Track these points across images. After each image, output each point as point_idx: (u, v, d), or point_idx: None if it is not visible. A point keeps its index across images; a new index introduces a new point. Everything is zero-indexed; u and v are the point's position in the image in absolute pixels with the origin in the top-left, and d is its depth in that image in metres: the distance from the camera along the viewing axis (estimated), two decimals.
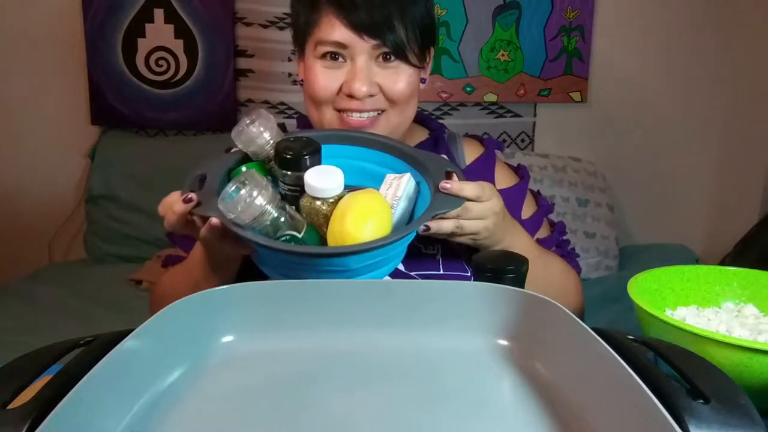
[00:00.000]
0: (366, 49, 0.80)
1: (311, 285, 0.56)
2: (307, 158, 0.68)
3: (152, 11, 1.91)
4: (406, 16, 0.80)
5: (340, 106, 0.82)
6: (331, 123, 0.83)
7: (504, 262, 0.63)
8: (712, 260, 1.80)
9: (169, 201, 0.69)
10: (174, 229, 0.70)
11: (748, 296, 0.73)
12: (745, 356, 0.54)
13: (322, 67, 0.81)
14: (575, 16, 1.93)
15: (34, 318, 1.43)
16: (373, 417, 0.45)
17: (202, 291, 0.53)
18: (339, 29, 0.79)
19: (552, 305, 0.51)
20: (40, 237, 2.00)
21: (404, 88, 0.82)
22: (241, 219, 0.60)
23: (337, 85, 0.81)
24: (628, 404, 0.39)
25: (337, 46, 0.80)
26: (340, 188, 0.67)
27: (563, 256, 0.92)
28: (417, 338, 0.54)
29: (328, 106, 0.83)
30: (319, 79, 0.81)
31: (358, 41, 0.79)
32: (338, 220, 0.64)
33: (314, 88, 0.82)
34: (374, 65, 0.81)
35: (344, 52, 0.80)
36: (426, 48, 0.85)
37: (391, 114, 0.83)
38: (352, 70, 0.80)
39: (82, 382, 0.39)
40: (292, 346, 0.53)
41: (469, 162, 0.94)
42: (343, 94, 0.81)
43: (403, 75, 0.82)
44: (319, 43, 0.81)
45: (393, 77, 0.82)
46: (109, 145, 1.93)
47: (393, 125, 0.84)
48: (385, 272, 0.69)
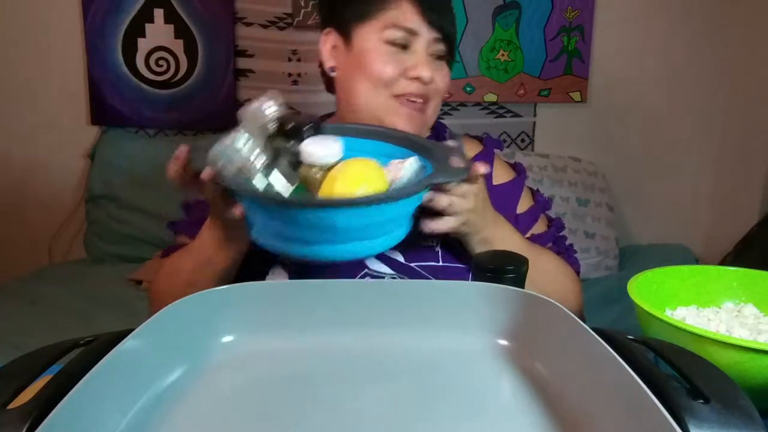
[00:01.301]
0: (428, 41, 0.86)
1: (311, 285, 0.56)
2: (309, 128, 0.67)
3: (152, 11, 1.91)
4: (453, 22, 0.90)
5: (399, 90, 0.86)
6: (384, 106, 0.86)
7: (504, 262, 0.63)
8: (712, 260, 1.80)
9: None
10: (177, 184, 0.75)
11: (748, 296, 0.73)
12: (745, 356, 0.54)
13: (388, 51, 0.85)
14: (575, 16, 1.93)
15: (34, 318, 1.43)
16: (372, 417, 0.45)
17: (202, 291, 0.53)
18: (413, 17, 0.85)
19: (552, 305, 0.51)
20: (40, 237, 2.00)
21: (445, 83, 0.90)
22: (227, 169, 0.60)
23: (401, 70, 0.85)
24: (628, 404, 0.39)
25: (409, 32, 0.85)
26: (336, 156, 0.67)
27: (560, 253, 0.92)
28: (417, 338, 0.54)
29: (385, 89, 0.86)
30: (386, 62, 0.85)
31: (426, 31, 0.85)
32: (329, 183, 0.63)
33: (378, 71, 0.85)
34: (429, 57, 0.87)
35: (411, 39, 0.85)
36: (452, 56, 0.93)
37: (429, 107, 0.89)
38: (420, 57, 0.86)
39: (82, 382, 0.39)
40: (292, 346, 0.53)
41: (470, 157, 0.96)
42: (406, 78, 0.85)
43: (446, 72, 0.90)
44: (391, 26, 0.85)
45: (441, 72, 0.89)
46: (109, 145, 1.93)
47: (428, 117, 0.90)
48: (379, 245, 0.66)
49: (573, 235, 1.76)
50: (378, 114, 0.87)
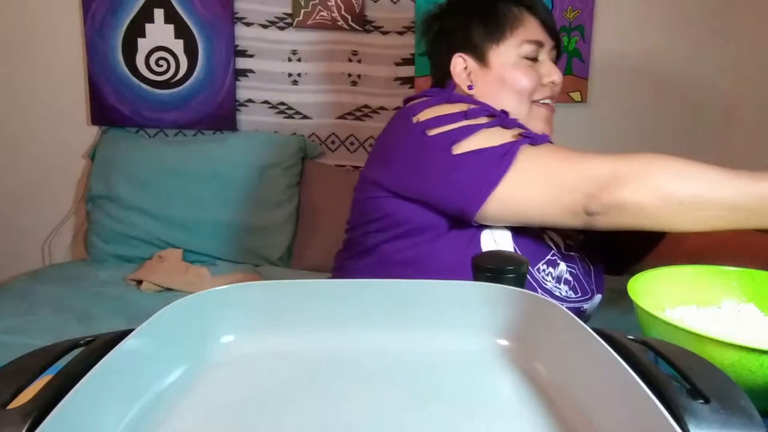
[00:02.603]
0: (549, 49, 0.99)
1: (311, 285, 0.56)
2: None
3: (152, 11, 1.91)
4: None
5: (538, 96, 0.98)
6: (528, 113, 0.97)
7: (504, 262, 0.63)
8: None
9: None
10: None
11: (748, 296, 0.73)
12: (745, 356, 0.54)
13: (527, 66, 0.97)
14: (575, 16, 1.93)
15: (34, 318, 1.43)
16: (372, 417, 0.45)
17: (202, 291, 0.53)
18: (539, 30, 0.97)
19: (552, 305, 0.51)
20: (40, 237, 2.00)
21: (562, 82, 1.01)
22: None
23: (537, 79, 0.97)
24: (628, 404, 0.39)
25: (538, 44, 0.97)
26: None
27: None
28: (416, 338, 0.54)
29: (528, 98, 0.97)
30: (528, 75, 0.97)
31: (548, 41, 0.98)
32: None
33: (523, 82, 0.96)
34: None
35: (540, 50, 0.97)
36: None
37: (553, 103, 1.01)
38: (549, 64, 0.99)
39: (82, 382, 0.39)
40: (292, 347, 0.53)
41: None
42: (541, 85, 0.98)
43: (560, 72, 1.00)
44: (524, 42, 0.96)
45: (560, 72, 1.00)
46: (109, 145, 1.93)
47: (553, 112, 1.02)
48: None
49: None
50: (524, 120, 0.95)
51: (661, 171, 0.82)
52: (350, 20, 1.93)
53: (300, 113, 1.99)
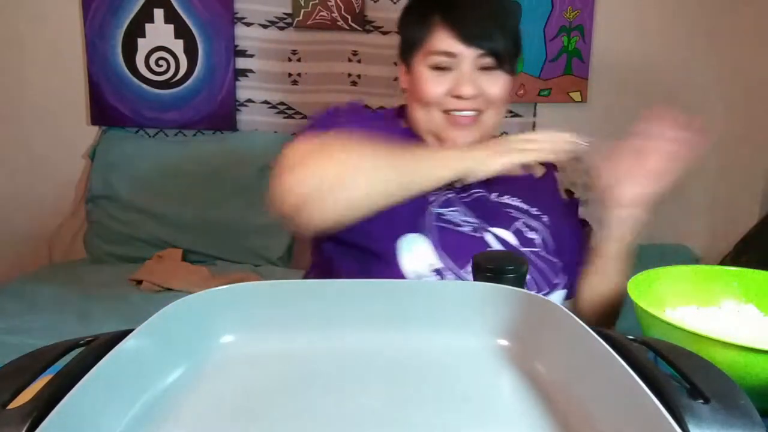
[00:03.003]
0: (471, 58, 0.91)
1: (311, 285, 0.56)
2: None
3: (152, 11, 1.91)
4: (504, 29, 0.93)
5: (448, 106, 0.93)
6: (437, 122, 0.94)
7: (504, 262, 0.63)
8: (712, 260, 1.80)
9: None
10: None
11: (748, 296, 0.73)
12: (745, 356, 0.54)
13: (432, 75, 0.93)
14: (575, 16, 1.93)
15: (34, 318, 1.43)
16: (372, 417, 0.45)
17: (202, 291, 0.53)
18: (448, 41, 0.91)
19: (552, 305, 0.51)
20: (40, 237, 2.00)
21: (500, 92, 0.94)
22: None
23: (445, 89, 0.92)
24: (628, 404, 0.39)
25: (447, 55, 0.92)
26: None
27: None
28: (417, 338, 0.54)
29: (435, 108, 0.94)
30: (430, 85, 0.93)
31: (465, 50, 0.91)
32: None
33: (425, 93, 0.93)
34: (477, 72, 0.92)
35: (452, 60, 0.92)
36: (516, 57, 0.97)
37: (487, 115, 0.95)
38: (460, 76, 0.92)
39: (82, 382, 0.39)
40: (292, 347, 0.53)
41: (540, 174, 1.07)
42: (450, 96, 0.93)
43: (501, 80, 0.94)
44: (431, 53, 0.92)
45: (492, 82, 0.93)
46: (109, 145, 1.93)
47: (488, 126, 0.96)
48: None
49: None
50: (431, 128, 0.95)
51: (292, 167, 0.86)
52: (350, 20, 1.93)
53: (300, 113, 1.99)
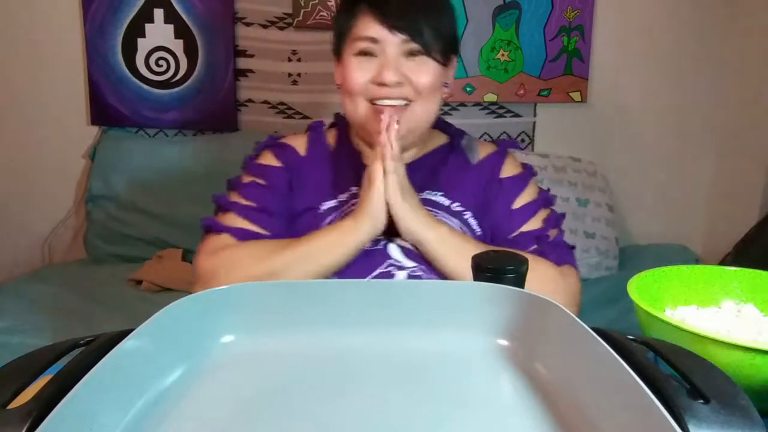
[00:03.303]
0: (396, 44, 0.90)
1: (311, 285, 0.56)
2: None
3: (152, 11, 1.91)
4: (430, 21, 0.92)
5: (372, 95, 0.92)
6: (365, 113, 0.93)
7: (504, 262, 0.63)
8: (712, 260, 1.80)
9: None
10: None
11: (748, 296, 0.73)
12: (745, 356, 0.54)
13: (356, 62, 0.92)
14: (575, 16, 1.93)
15: (34, 318, 1.43)
16: (372, 417, 0.45)
17: (202, 291, 0.53)
18: (373, 25, 0.90)
19: (552, 305, 0.51)
20: (40, 237, 2.00)
21: (429, 79, 0.92)
22: None
23: (370, 76, 0.91)
24: (628, 404, 0.39)
25: (370, 41, 0.91)
26: None
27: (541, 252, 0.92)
28: (417, 338, 0.54)
29: (361, 97, 0.93)
30: (354, 72, 0.92)
31: (388, 36, 0.90)
32: None
33: (349, 81, 0.92)
34: (402, 59, 0.91)
35: (376, 47, 0.91)
36: (448, 53, 0.96)
37: (416, 105, 0.93)
38: (384, 61, 0.91)
39: (82, 382, 0.39)
40: (292, 347, 0.53)
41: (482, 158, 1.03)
42: (375, 84, 0.91)
43: (428, 68, 0.92)
44: (355, 39, 0.92)
45: (419, 69, 0.92)
46: (109, 145, 1.93)
47: (417, 117, 0.94)
48: None
49: (573, 235, 1.76)
50: (359, 120, 0.94)
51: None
52: None
53: (300, 113, 1.99)
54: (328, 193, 0.98)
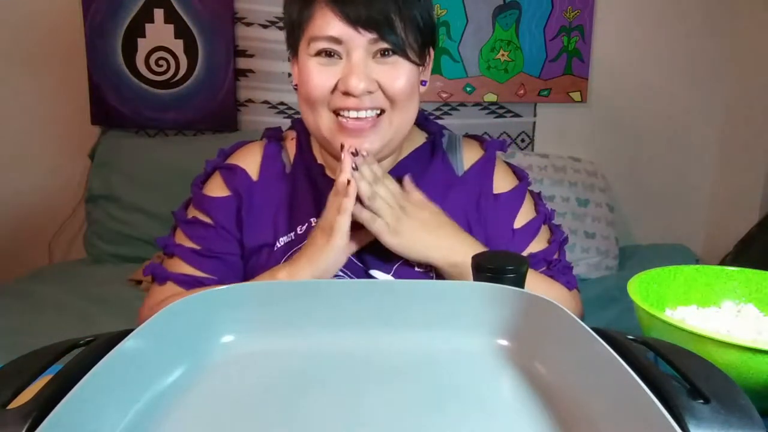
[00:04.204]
0: (363, 44, 0.76)
1: (311, 285, 0.56)
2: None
3: (152, 11, 1.91)
4: (404, 12, 0.77)
5: (336, 105, 0.78)
6: (327, 126, 0.80)
7: (504, 262, 0.63)
8: (712, 260, 1.80)
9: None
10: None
11: (748, 296, 0.73)
12: (745, 356, 0.54)
13: (316, 65, 0.77)
14: (575, 16, 1.93)
15: (34, 318, 1.43)
16: (372, 417, 0.45)
17: (202, 291, 0.53)
18: (334, 23, 0.75)
19: (552, 305, 0.51)
20: (40, 237, 2.00)
21: (404, 84, 0.78)
22: None
23: (332, 82, 0.77)
24: (628, 404, 0.39)
25: (332, 41, 0.76)
26: None
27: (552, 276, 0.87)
28: (417, 338, 0.54)
29: (323, 106, 0.79)
30: (313, 76, 0.77)
31: (354, 35, 0.75)
32: None
33: (308, 87, 0.78)
34: (372, 61, 0.77)
35: (339, 48, 0.76)
36: (425, 47, 0.82)
37: (392, 115, 0.80)
38: (348, 65, 0.76)
39: (82, 382, 0.39)
40: (292, 347, 0.53)
41: (468, 167, 0.91)
42: (339, 92, 0.77)
43: (403, 71, 0.78)
44: (313, 39, 0.77)
45: (392, 73, 0.78)
46: (109, 145, 1.93)
47: (395, 127, 0.81)
48: None
49: (573, 235, 1.76)
50: (321, 133, 0.81)
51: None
52: None
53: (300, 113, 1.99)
54: (284, 225, 0.85)
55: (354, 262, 0.82)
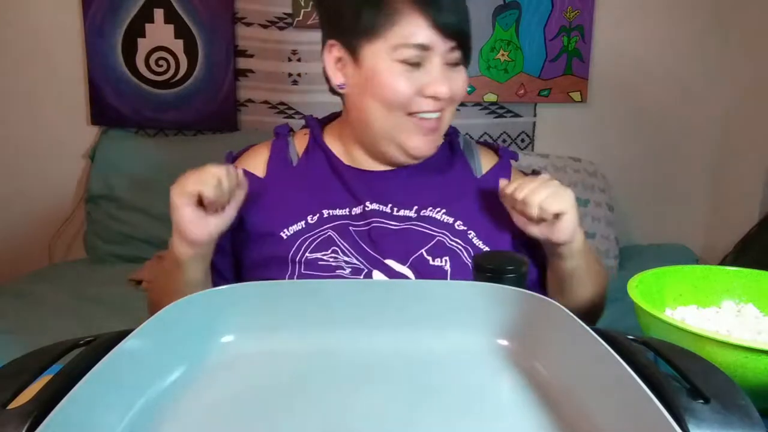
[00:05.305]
0: (442, 52, 0.80)
1: (311, 285, 0.56)
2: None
3: (152, 11, 1.91)
4: (468, 22, 0.82)
5: (415, 108, 0.82)
6: (401, 126, 0.83)
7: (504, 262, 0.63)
8: (712, 260, 1.80)
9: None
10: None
11: (748, 296, 0.73)
12: (745, 356, 0.54)
13: (402, 71, 0.80)
14: (575, 16, 1.93)
15: (34, 318, 1.42)
16: (372, 417, 0.45)
17: (202, 291, 0.53)
18: (423, 30, 0.78)
19: (552, 305, 0.51)
20: (40, 237, 2.00)
21: (464, 89, 0.86)
22: None
23: (415, 88, 0.80)
24: (628, 404, 0.39)
25: (420, 48, 0.79)
26: None
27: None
28: (417, 338, 0.54)
29: (400, 110, 0.82)
30: (399, 84, 0.80)
31: (439, 42, 0.79)
32: None
33: (391, 92, 0.80)
34: (444, 68, 0.82)
35: (425, 55, 0.80)
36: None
37: (446, 113, 0.86)
38: (434, 72, 0.80)
39: (82, 382, 0.39)
40: (292, 346, 0.53)
41: (486, 171, 0.94)
42: (421, 97, 0.81)
43: (464, 76, 0.85)
44: (400, 46, 0.79)
45: (459, 79, 0.84)
46: (109, 145, 1.93)
47: (446, 124, 0.88)
48: None
49: None
50: (392, 133, 0.84)
51: None
52: None
53: (300, 113, 1.99)
54: (292, 216, 0.85)
55: (369, 252, 0.83)
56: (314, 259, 0.81)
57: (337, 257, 0.81)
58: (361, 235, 0.83)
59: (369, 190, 0.87)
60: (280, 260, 0.83)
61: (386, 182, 0.88)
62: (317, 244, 0.82)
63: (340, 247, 0.82)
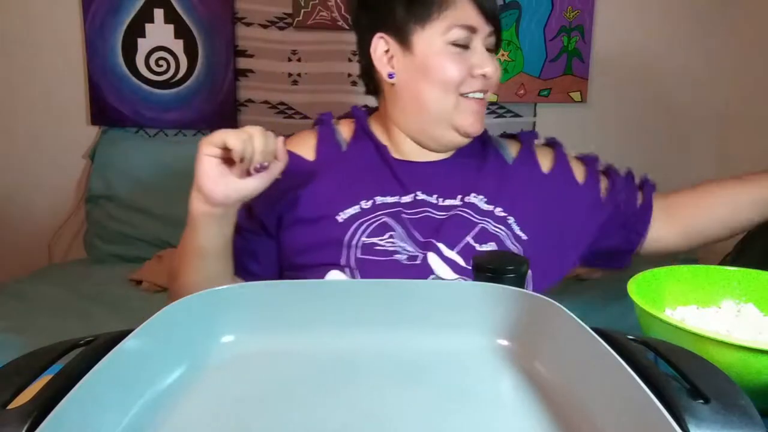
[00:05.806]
0: (483, 36, 0.87)
1: (311, 285, 0.56)
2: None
3: (152, 11, 1.91)
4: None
5: (467, 88, 0.87)
6: (453, 107, 0.87)
7: (504, 262, 0.63)
8: (712, 260, 1.80)
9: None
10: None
11: (748, 296, 0.73)
12: (745, 356, 0.54)
13: (454, 53, 0.86)
14: (575, 16, 1.93)
15: (34, 318, 1.42)
16: (372, 416, 0.45)
17: (202, 291, 0.53)
18: (472, 13, 0.85)
19: (552, 305, 0.51)
20: (40, 237, 2.00)
21: (500, 74, 0.91)
22: None
23: (466, 68, 0.86)
24: (628, 404, 0.39)
25: (469, 30, 0.85)
26: None
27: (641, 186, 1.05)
28: (417, 338, 0.54)
29: (454, 91, 0.87)
30: (454, 64, 0.86)
31: (483, 26, 0.86)
32: None
33: (448, 73, 0.86)
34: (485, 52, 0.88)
35: (472, 37, 0.86)
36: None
37: (487, 95, 0.91)
38: (482, 53, 0.87)
39: (82, 382, 0.39)
40: (292, 347, 0.53)
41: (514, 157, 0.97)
42: (471, 77, 0.87)
43: (498, 63, 0.90)
44: (454, 26, 0.85)
45: (496, 64, 0.89)
46: (109, 145, 1.93)
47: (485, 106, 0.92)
48: None
49: None
50: (448, 115, 0.88)
51: None
52: (350, 20, 1.93)
53: (300, 113, 1.99)
54: (346, 199, 0.88)
55: (416, 237, 0.85)
56: (370, 244, 0.83)
57: (393, 243, 0.84)
58: (414, 222, 0.87)
59: (418, 181, 0.90)
60: (335, 243, 0.84)
61: (431, 173, 0.92)
62: (373, 229, 0.85)
63: (396, 232, 0.85)
